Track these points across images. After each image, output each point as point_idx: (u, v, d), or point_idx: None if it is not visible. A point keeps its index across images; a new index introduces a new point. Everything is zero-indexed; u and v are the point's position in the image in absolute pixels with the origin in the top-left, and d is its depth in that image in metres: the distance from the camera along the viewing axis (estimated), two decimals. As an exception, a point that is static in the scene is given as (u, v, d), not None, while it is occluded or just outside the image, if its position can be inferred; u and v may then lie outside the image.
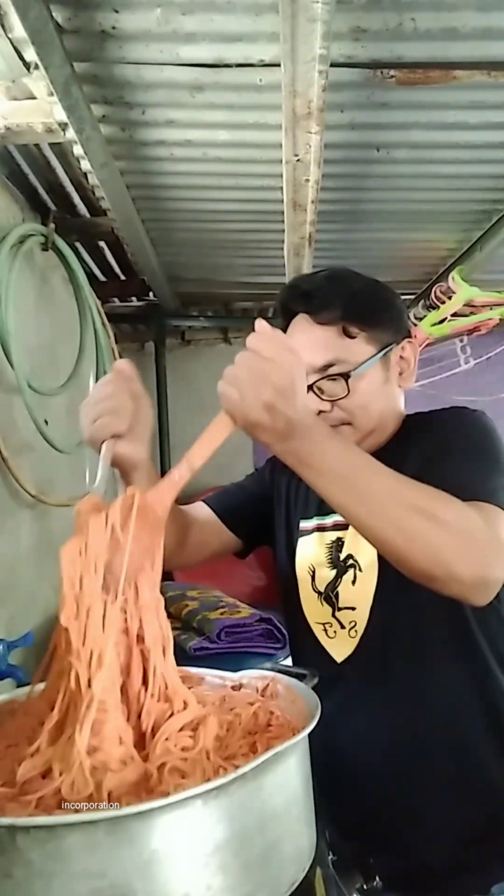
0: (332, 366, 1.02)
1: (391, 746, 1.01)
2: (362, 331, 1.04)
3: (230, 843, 0.59)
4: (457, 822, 0.98)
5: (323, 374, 1.03)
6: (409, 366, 1.10)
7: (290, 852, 0.65)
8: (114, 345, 2.41)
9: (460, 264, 2.35)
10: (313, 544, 1.13)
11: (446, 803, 0.99)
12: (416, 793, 1.00)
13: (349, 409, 1.03)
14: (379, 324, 1.06)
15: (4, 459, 1.67)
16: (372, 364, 1.04)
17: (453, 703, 1.00)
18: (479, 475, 0.91)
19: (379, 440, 1.07)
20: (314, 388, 1.03)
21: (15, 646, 1.41)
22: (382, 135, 1.59)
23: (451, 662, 1.00)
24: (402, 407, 1.13)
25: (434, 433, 1.03)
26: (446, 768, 1.00)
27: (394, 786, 1.01)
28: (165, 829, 0.55)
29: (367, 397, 1.04)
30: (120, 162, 1.66)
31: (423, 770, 1.00)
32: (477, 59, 1.30)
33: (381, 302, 1.10)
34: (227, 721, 0.71)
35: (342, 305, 1.03)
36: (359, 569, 1.05)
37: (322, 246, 2.15)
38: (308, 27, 1.04)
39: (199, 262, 2.46)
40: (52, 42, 1.17)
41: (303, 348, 1.00)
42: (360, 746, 1.03)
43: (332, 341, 1.03)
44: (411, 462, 0.99)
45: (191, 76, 1.34)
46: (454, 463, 0.94)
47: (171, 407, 3.09)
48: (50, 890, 0.53)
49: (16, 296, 1.70)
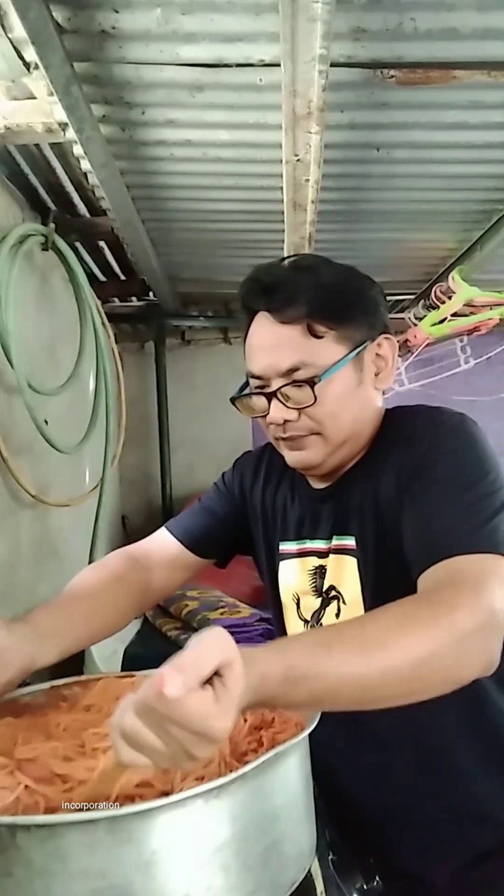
0: (297, 370, 0.91)
1: (387, 776, 0.98)
2: (330, 329, 0.92)
3: (231, 843, 0.59)
4: (460, 844, 0.96)
5: (288, 378, 0.92)
6: (386, 365, 0.99)
7: (290, 852, 0.65)
8: (114, 345, 2.41)
9: (460, 264, 2.35)
10: (295, 570, 1.05)
11: (446, 822, 0.96)
12: (414, 813, 0.97)
13: (317, 418, 0.93)
14: (350, 320, 0.94)
15: (4, 459, 1.67)
16: (341, 367, 0.92)
17: (448, 726, 0.94)
18: (461, 518, 0.83)
19: (355, 449, 0.98)
20: (278, 395, 0.93)
21: (15, 646, 1.41)
22: (382, 135, 1.59)
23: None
24: (379, 406, 1.01)
25: (409, 448, 0.93)
26: (443, 789, 0.96)
27: (391, 806, 0.98)
28: (165, 829, 0.55)
29: (337, 404, 0.93)
30: (120, 162, 1.66)
31: (422, 796, 0.97)
32: (477, 59, 1.30)
33: (352, 294, 0.97)
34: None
35: (307, 301, 0.91)
36: (342, 601, 0.98)
37: (322, 246, 2.14)
38: (308, 27, 1.04)
39: (199, 262, 2.46)
40: (52, 42, 1.17)
41: (264, 350, 0.94)
42: (356, 779, 1.00)
43: (297, 342, 0.91)
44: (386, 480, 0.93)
45: (191, 76, 1.34)
46: (432, 504, 0.86)
47: (171, 407, 3.09)
48: (50, 889, 0.54)
49: (16, 296, 1.70)
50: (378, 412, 1.01)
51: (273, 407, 0.94)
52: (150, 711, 0.53)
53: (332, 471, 0.99)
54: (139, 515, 3.18)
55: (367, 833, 1.01)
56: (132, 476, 3.19)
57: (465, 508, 0.83)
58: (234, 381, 1.08)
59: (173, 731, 0.53)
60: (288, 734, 0.70)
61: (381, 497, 0.93)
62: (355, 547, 0.96)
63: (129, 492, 3.20)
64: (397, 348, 1.01)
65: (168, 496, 3.08)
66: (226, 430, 3.17)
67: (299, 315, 0.91)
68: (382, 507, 0.93)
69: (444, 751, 0.96)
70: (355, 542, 0.96)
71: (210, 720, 0.53)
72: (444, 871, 0.96)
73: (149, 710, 0.53)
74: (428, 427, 0.94)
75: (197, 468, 3.09)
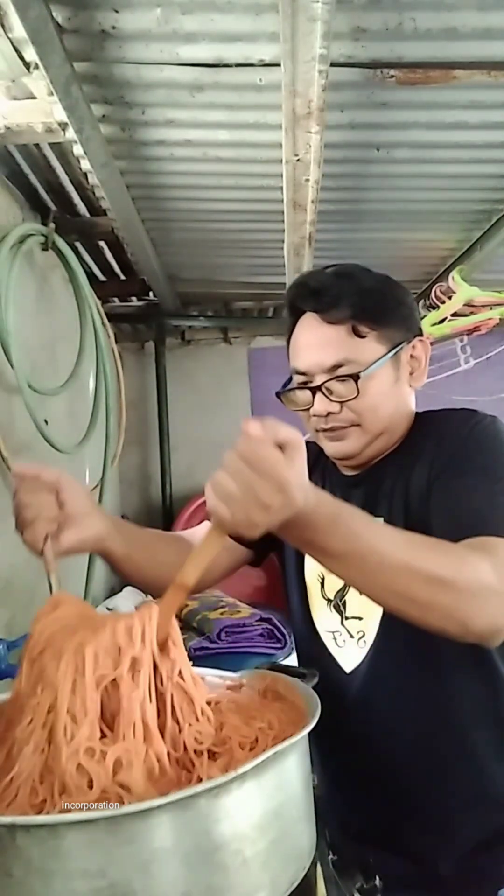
0: (341, 366, 0.99)
1: (400, 755, 1.00)
2: (372, 330, 1.00)
3: (230, 842, 0.59)
4: (465, 829, 0.98)
5: (332, 374, 1.00)
6: (419, 365, 1.08)
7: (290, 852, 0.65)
8: (114, 345, 2.41)
9: (460, 264, 2.35)
10: None
11: (455, 810, 0.98)
12: (425, 799, 0.99)
13: (358, 410, 1.01)
14: (389, 322, 1.02)
15: (4, 459, 1.67)
16: (382, 364, 1.01)
17: (463, 714, 0.98)
18: (490, 504, 0.89)
19: (389, 442, 1.06)
20: (323, 389, 1.00)
21: (15, 646, 1.41)
22: (382, 134, 1.59)
23: (462, 675, 0.98)
24: (413, 407, 1.10)
25: (443, 442, 1.00)
26: (456, 776, 0.99)
27: (402, 792, 1.00)
28: (165, 828, 0.55)
29: (377, 398, 1.01)
30: (120, 162, 1.66)
31: (432, 778, 0.99)
32: (477, 59, 1.30)
33: (392, 300, 1.05)
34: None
35: (351, 304, 0.99)
36: None
37: (322, 246, 2.15)
38: (308, 27, 1.04)
39: (199, 262, 2.46)
40: (52, 42, 1.17)
41: (311, 347, 1.02)
42: (368, 754, 1.02)
43: (342, 341, 1.00)
44: (419, 469, 1.00)
45: (191, 76, 1.34)
46: (464, 488, 0.92)
47: (171, 407, 3.09)
48: (49, 889, 0.53)
49: (16, 296, 1.70)
50: (411, 410, 1.09)
51: (317, 400, 1.01)
52: (233, 461, 0.67)
53: (366, 461, 1.07)
54: (139, 515, 3.18)
55: (375, 816, 1.03)
56: (132, 476, 3.19)
57: (493, 497, 0.90)
58: (234, 381, 1.12)
59: (248, 475, 0.66)
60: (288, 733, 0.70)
61: (413, 485, 1.00)
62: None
63: (129, 492, 3.19)
64: (430, 350, 1.10)
65: (168, 496, 3.08)
66: (226, 430, 3.17)
67: (345, 316, 0.99)
68: (413, 494, 1.00)
69: (459, 735, 0.99)
70: (384, 522, 1.02)
71: (279, 466, 0.66)
72: (449, 858, 0.97)
73: (232, 459, 0.67)
74: (463, 425, 1.01)
75: (197, 468, 3.09)
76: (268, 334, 3.19)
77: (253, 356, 3.22)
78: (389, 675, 1.01)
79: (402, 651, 0.99)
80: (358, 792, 1.05)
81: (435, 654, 0.98)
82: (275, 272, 2.40)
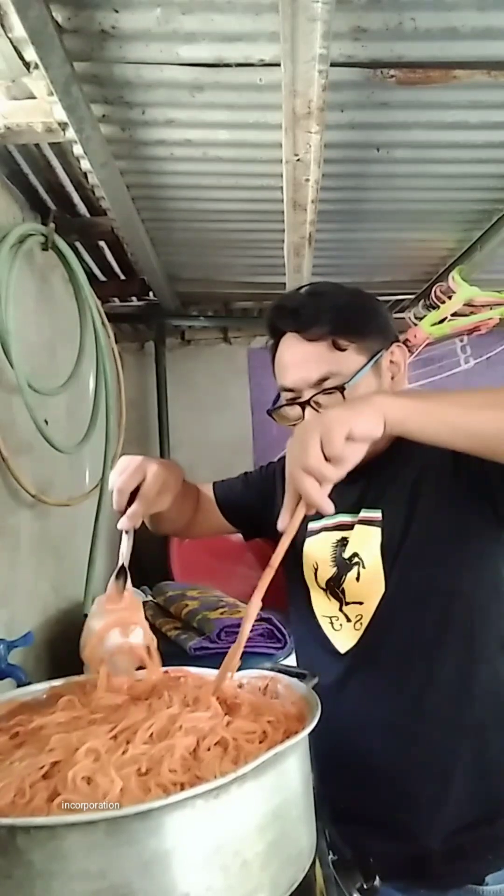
0: (326, 379, 1.05)
1: (390, 731, 1.05)
2: (351, 342, 1.06)
3: (230, 843, 0.59)
4: (452, 805, 1.02)
5: (318, 388, 1.05)
6: (399, 369, 1.13)
7: (290, 852, 0.65)
8: (114, 345, 2.41)
9: (460, 264, 2.34)
10: (319, 544, 1.16)
11: (443, 786, 1.02)
12: (414, 776, 1.03)
13: None
14: (367, 333, 1.08)
15: (4, 459, 1.67)
16: (364, 374, 1.05)
17: (452, 692, 1.03)
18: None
19: (378, 446, 1.07)
20: (311, 403, 1.05)
21: (15, 646, 1.41)
22: (382, 134, 1.59)
23: (451, 653, 1.03)
24: None
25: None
26: (444, 753, 1.03)
27: (392, 768, 1.04)
28: (165, 829, 0.55)
29: None
30: (120, 162, 1.66)
31: (421, 754, 1.03)
32: (477, 58, 1.30)
33: (367, 312, 1.12)
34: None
35: (329, 320, 1.05)
36: (362, 566, 1.08)
37: (322, 246, 2.15)
38: (308, 27, 1.04)
39: (199, 262, 2.46)
40: (52, 42, 1.16)
41: (295, 365, 1.07)
42: (359, 730, 1.07)
43: (324, 355, 1.05)
44: (412, 466, 1.06)
45: (191, 76, 1.34)
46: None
47: (171, 407, 3.09)
48: (50, 890, 0.53)
49: (16, 296, 1.70)
50: None
51: (307, 414, 1.06)
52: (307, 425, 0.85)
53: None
54: (139, 515, 3.17)
55: (364, 805, 1.06)
56: (132, 476, 3.19)
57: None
58: (234, 381, 1.17)
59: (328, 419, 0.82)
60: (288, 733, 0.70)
61: (418, 473, 1.07)
62: (381, 518, 1.08)
63: (129, 491, 3.19)
64: (407, 354, 1.16)
65: (168, 496, 3.08)
66: (226, 430, 3.18)
67: (324, 332, 1.05)
68: (421, 481, 1.06)
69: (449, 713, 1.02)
70: (381, 514, 1.08)
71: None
72: (438, 836, 1.01)
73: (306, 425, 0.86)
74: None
75: (197, 468, 3.06)
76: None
77: (253, 356, 3.22)
78: (380, 654, 1.06)
79: (394, 631, 1.05)
80: (347, 765, 1.08)
81: (424, 632, 1.03)
82: (275, 272, 2.40)
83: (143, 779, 0.63)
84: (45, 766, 0.64)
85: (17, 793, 0.61)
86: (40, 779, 0.63)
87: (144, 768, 0.64)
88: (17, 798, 0.60)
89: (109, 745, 0.67)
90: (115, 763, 0.64)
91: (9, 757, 0.68)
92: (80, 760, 0.64)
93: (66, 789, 0.60)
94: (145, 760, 0.65)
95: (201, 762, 0.66)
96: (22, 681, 1.34)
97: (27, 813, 0.59)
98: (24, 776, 0.62)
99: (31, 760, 0.65)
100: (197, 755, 0.67)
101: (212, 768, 0.64)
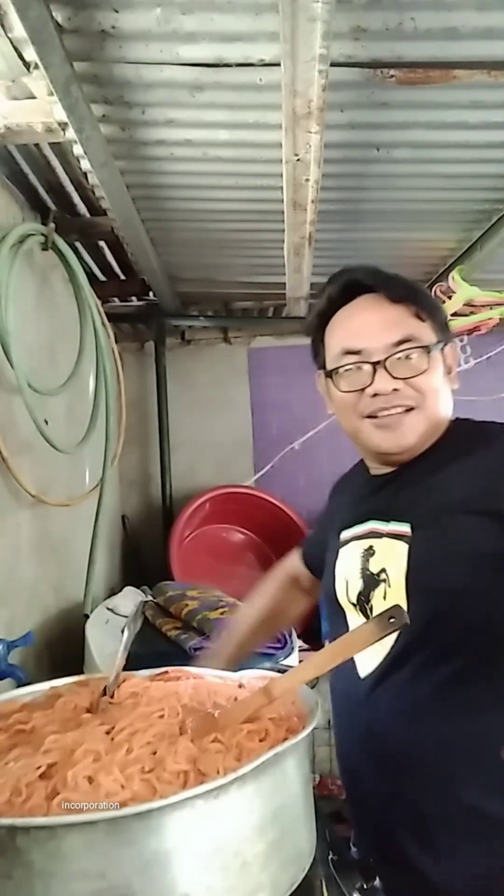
0: (406, 341, 1.00)
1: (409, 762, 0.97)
2: (429, 317, 1.03)
3: (230, 843, 0.59)
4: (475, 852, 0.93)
5: (396, 349, 1.00)
6: (453, 367, 1.09)
7: (290, 852, 0.65)
8: (114, 345, 2.41)
9: (460, 264, 2.34)
10: (349, 555, 1.10)
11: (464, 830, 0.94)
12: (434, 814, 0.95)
13: (423, 388, 1.01)
14: (436, 318, 1.05)
15: (4, 459, 1.67)
16: (441, 348, 1.03)
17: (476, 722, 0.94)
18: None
19: (430, 440, 1.05)
20: (385, 366, 1.00)
21: (15, 646, 1.41)
22: (382, 134, 1.59)
23: (477, 682, 0.95)
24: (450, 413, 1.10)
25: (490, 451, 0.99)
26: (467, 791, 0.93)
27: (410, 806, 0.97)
28: (165, 829, 0.55)
29: (439, 381, 1.03)
30: (120, 162, 1.66)
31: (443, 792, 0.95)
32: (477, 59, 1.30)
33: (436, 301, 1.10)
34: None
35: (413, 292, 1.03)
36: (388, 584, 1.01)
37: (322, 246, 2.14)
38: (308, 27, 1.04)
39: (199, 262, 2.46)
40: (52, 42, 1.16)
41: (374, 324, 1.02)
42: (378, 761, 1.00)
43: (406, 319, 1.02)
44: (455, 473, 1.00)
45: (191, 76, 1.34)
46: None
47: (171, 407, 3.09)
48: (49, 890, 0.53)
49: (16, 296, 1.70)
50: (449, 415, 1.08)
51: (378, 377, 1.00)
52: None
53: (406, 457, 1.05)
54: (139, 515, 3.18)
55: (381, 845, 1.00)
56: (132, 476, 3.19)
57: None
58: (234, 381, 1.12)
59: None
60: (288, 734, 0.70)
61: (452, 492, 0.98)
62: (409, 534, 1.00)
63: (129, 492, 3.19)
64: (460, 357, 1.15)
65: (168, 496, 3.08)
66: (226, 430, 3.17)
67: (410, 298, 1.02)
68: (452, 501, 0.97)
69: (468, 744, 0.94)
70: (410, 528, 1.00)
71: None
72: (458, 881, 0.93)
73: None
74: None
75: (197, 468, 3.08)
76: (268, 334, 3.19)
77: (253, 356, 3.22)
78: (404, 679, 0.98)
79: (418, 655, 0.97)
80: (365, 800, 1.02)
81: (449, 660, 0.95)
82: (275, 272, 2.40)
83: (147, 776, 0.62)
84: (41, 766, 0.64)
85: (12, 792, 0.61)
86: (37, 779, 0.63)
87: (148, 767, 0.64)
88: (13, 797, 0.60)
89: (108, 745, 0.67)
90: (119, 762, 0.64)
91: (3, 757, 0.68)
92: (79, 760, 0.64)
93: (66, 788, 0.60)
94: (148, 759, 0.65)
95: (205, 752, 0.66)
96: (22, 680, 1.34)
97: (25, 812, 0.59)
98: (20, 776, 0.62)
99: (27, 761, 0.65)
100: (201, 746, 0.67)
101: (214, 763, 0.64)
